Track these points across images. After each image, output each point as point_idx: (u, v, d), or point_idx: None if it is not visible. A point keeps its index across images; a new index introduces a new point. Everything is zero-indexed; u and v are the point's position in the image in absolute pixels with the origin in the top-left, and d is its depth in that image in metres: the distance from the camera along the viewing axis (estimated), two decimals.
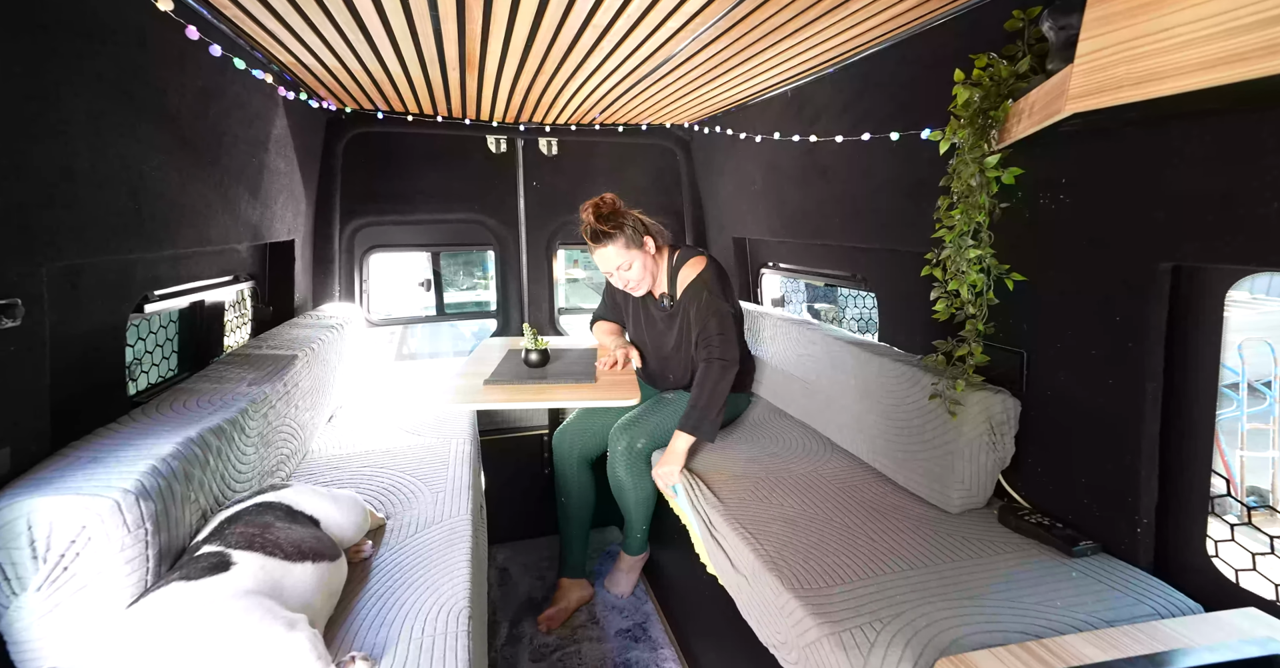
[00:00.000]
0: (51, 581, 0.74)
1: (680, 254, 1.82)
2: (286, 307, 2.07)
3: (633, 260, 1.74)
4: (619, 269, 1.75)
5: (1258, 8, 0.58)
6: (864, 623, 0.92)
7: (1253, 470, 4.62)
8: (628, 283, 1.80)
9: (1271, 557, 0.94)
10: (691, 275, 1.75)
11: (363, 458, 1.59)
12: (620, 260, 1.73)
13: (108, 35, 0.93)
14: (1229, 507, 4.44)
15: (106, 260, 1.07)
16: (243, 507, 0.98)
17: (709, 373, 1.65)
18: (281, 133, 1.76)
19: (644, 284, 1.81)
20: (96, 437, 0.93)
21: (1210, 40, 0.62)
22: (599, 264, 1.78)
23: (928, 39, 1.35)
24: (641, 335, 1.98)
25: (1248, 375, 4.95)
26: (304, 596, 0.88)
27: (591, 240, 1.73)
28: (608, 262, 1.75)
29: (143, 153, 1.06)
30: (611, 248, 1.71)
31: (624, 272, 1.76)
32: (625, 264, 1.74)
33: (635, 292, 1.84)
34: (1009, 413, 1.21)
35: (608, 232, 1.71)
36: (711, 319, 1.68)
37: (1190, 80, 0.64)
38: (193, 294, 1.51)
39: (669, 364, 1.93)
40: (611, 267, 1.75)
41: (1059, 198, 1.07)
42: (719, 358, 1.65)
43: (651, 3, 1.18)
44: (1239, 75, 0.60)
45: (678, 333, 1.85)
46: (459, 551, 1.16)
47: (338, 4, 1.15)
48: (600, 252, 1.74)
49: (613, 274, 1.78)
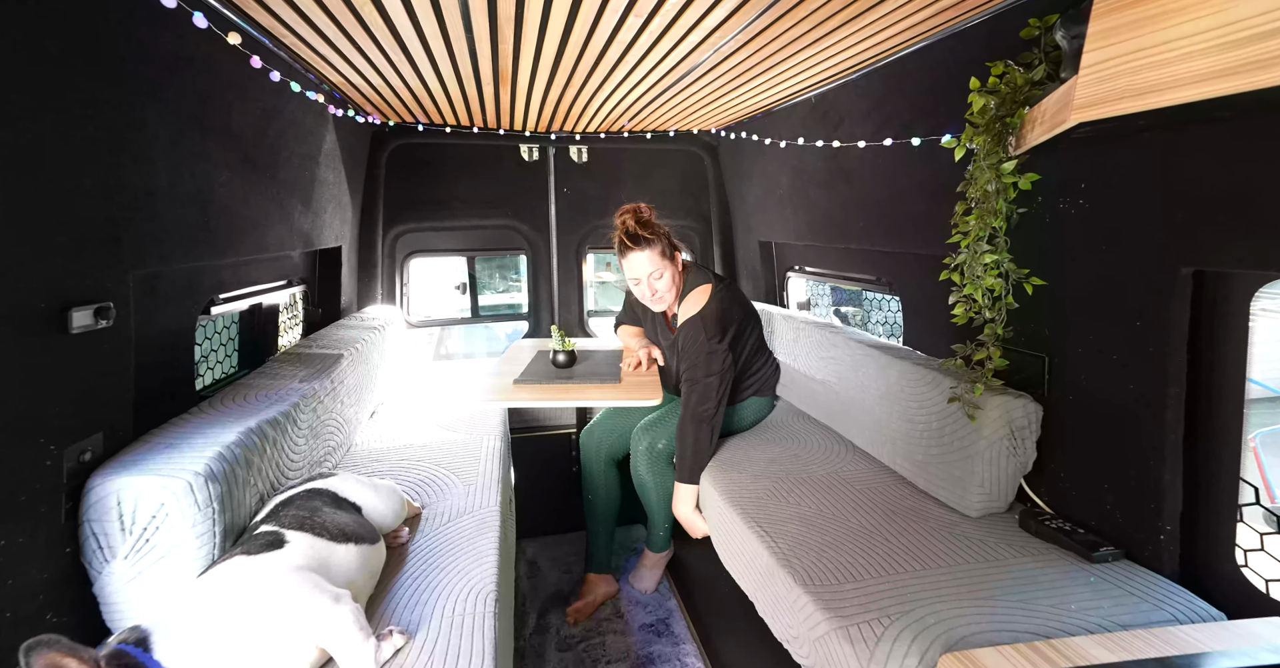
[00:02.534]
0: (136, 550, 0.84)
1: (690, 278, 1.80)
2: (334, 309, 2.21)
3: (664, 270, 1.74)
4: (649, 277, 1.73)
5: (1248, 23, 0.59)
6: (873, 618, 0.94)
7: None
8: (655, 293, 1.77)
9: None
10: (692, 309, 1.72)
11: (401, 451, 1.69)
12: (652, 268, 1.72)
13: (185, 67, 1.05)
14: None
15: (180, 267, 1.19)
16: (294, 492, 1.07)
17: (684, 432, 1.66)
18: (331, 147, 1.89)
19: (668, 298, 1.79)
20: (171, 426, 1.04)
21: (1205, 54, 0.63)
22: (630, 270, 1.74)
23: (948, 46, 1.35)
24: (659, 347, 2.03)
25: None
26: (347, 574, 0.96)
27: (629, 243, 1.70)
28: (640, 267, 1.72)
29: (212, 171, 1.18)
30: (647, 253, 1.71)
31: (654, 280, 1.74)
32: (657, 273, 1.73)
33: (657, 305, 1.81)
34: (1030, 418, 1.20)
35: (646, 237, 1.70)
36: (699, 362, 1.65)
37: (1187, 92, 0.65)
38: (251, 297, 1.64)
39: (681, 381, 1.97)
40: (643, 273, 1.73)
41: (1078, 202, 1.07)
42: (691, 416, 1.64)
43: (674, 18, 1.23)
44: (1232, 88, 0.61)
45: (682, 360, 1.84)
46: (488, 539, 1.24)
47: (382, 29, 1.24)
48: (635, 256, 1.71)
49: (640, 282, 1.75)
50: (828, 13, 1.20)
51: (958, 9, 1.19)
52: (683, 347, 1.72)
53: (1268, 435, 4.68)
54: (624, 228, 1.72)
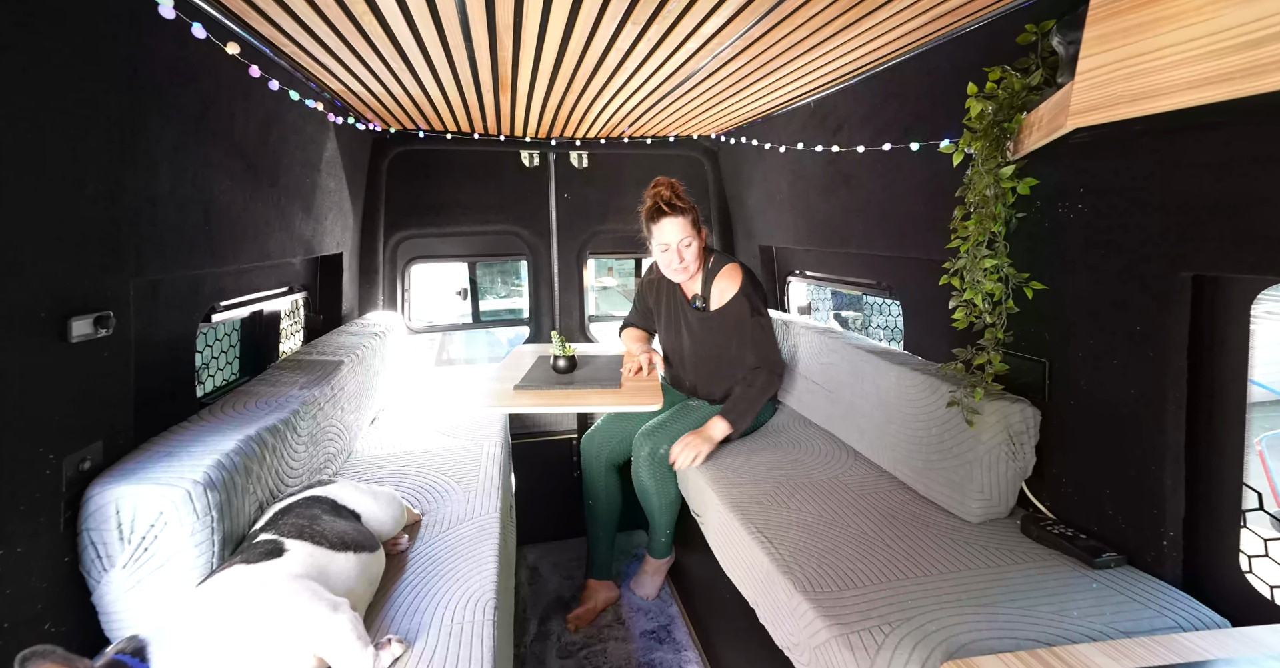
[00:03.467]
0: (135, 559, 0.84)
1: (715, 259, 1.88)
2: (335, 315, 2.22)
3: (692, 240, 1.80)
4: (679, 244, 1.78)
5: (1241, 30, 0.59)
6: (873, 626, 0.94)
7: None
8: (682, 262, 1.80)
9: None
10: (729, 286, 1.82)
11: (402, 458, 1.69)
12: (683, 235, 1.78)
13: (187, 76, 1.06)
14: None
15: (181, 275, 1.19)
16: (294, 500, 1.07)
17: (759, 377, 1.80)
18: (332, 154, 1.90)
19: (691, 268, 1.85)
20: (171, 433, 1.04)
21: (1199, 60, 0.63)
22: (662, 236, 1.78)
23: (945, 51, 1.36)
24: (672, 340, 2.03)
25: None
26: (346, 582, 0.96)
27: (666, 209, 1.76)
28: (672, 233, 1.77)
29: (214, 178, 1.19)
30: (680, 220, 1.77)
31: (684, 247, 1.79)
32: (686, 241, 1.79)
33: (680, 275, 1.85)
34: (1028, 423, 1.20)
35: (680, 206, 1.77)
36: (758, 332, 1.80)
37: (1181, 98, 0.65)
38: (253, 304, 1.65)
39: (697, 370, 1.98)
40: (674, 239, 1.78)
41: (1076, 207, 1.07)
42: (770, 367, 1.81)
43: (672, 25, 1.23)
44: (1225, 95, 0.61)
45: (710, 340, 1.90)
46: (488, 546, 1.23)
47: (381, 37, 1.25)
48: (668, 222, 1.76)
49: (670, 248, 1.79)
50: (825, 19, 1.21)
51: (955, 14, 1.19)
52: (735, 323, 1.83)
53: (1273, 439, 4.66)
54: (659, 196, 1.78)
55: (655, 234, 1.81)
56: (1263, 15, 0.57)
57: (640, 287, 2.17)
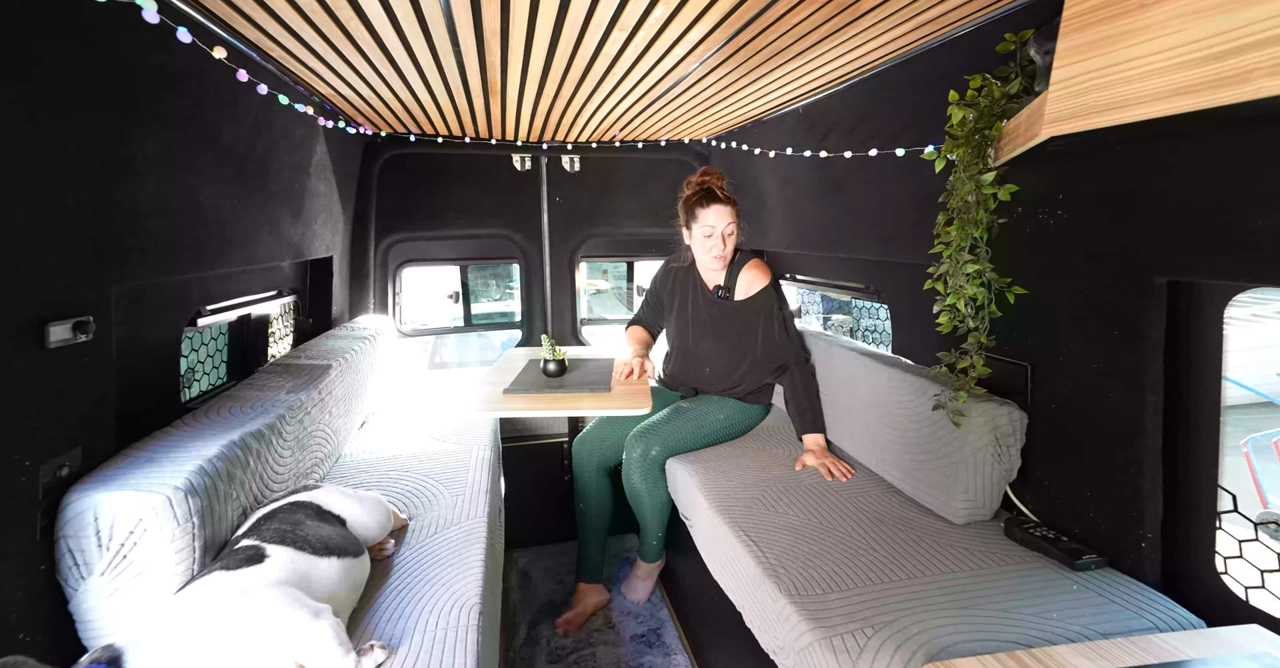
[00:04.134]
0: (113, 567, 0.83)
1: (740, 254, 1.95)
2: (325, 319, 2.21)
3: (734, 229, 1.87)
4: (724, 230, 1.85)
5: (1205, 43, 0.60)
6: (856, 629, 0.94)
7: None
8: (725, 248, 1.88)
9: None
10: (758, 279, 1.91)
11: (390, 462, 1.69)
12: (728, 221, 1.84)
13: (174, 80, 1.06)
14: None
15: (167, 279, 1.19)
16: (278, 505, 1.07)
17: (801, 376, 1.86)
18: (322, 158, 1.90)
19: (726, 259, 1.91)
20: (153, 439, 1.04)
21: (1166, 72, 0.64)
22: (709, 220, 1.85)
23: (929, 59, 1.37)
24: (684, 331, 2.05)
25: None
26: (329, 587, 0.96)
27: (718, 194, 1.84)
28: (722, 219, 1.84)
29: (200, 183, 1.19)
30: (730, 208, 1.85)
31: (727, 235, 1.86)
32: (730, 228, 1.85)
33: (716, 262, 1.91)
34: (1015, 425, 1.21)
35: (730, 197, 1.86)
36: (790, 325, 1.90)
37: (1151, 109, 0.66)
38: (240, 308, 1.64)
39: (707, 362, 1.99)
40: (721, 225, 1.84)
41: (1057, 213, 1.08)
42: (802, 361, 1.88)
43: (659, 31, 1.24)
44: (1192, 106, 0.62)
45: (727, 331, 1.94)
46: (474, 551, 1.23)
47: (370, 42, 1.25)
48: (719, 208, 1.84)
49: (714, 233, 1.85)
50: (810, 26, 1.22)
51: (938, 23, 1.21)
52: (762, 318, 1.91)
53: (1260, 440, 4.70)
54: (712, 183, 1.86)
55: (702, 218, 1.85)
56: (1225, 29, 0.59)
57: (655, 278, 2.20)
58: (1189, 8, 0.62)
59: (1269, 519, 3.34)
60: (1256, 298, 7.50)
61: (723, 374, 1.98)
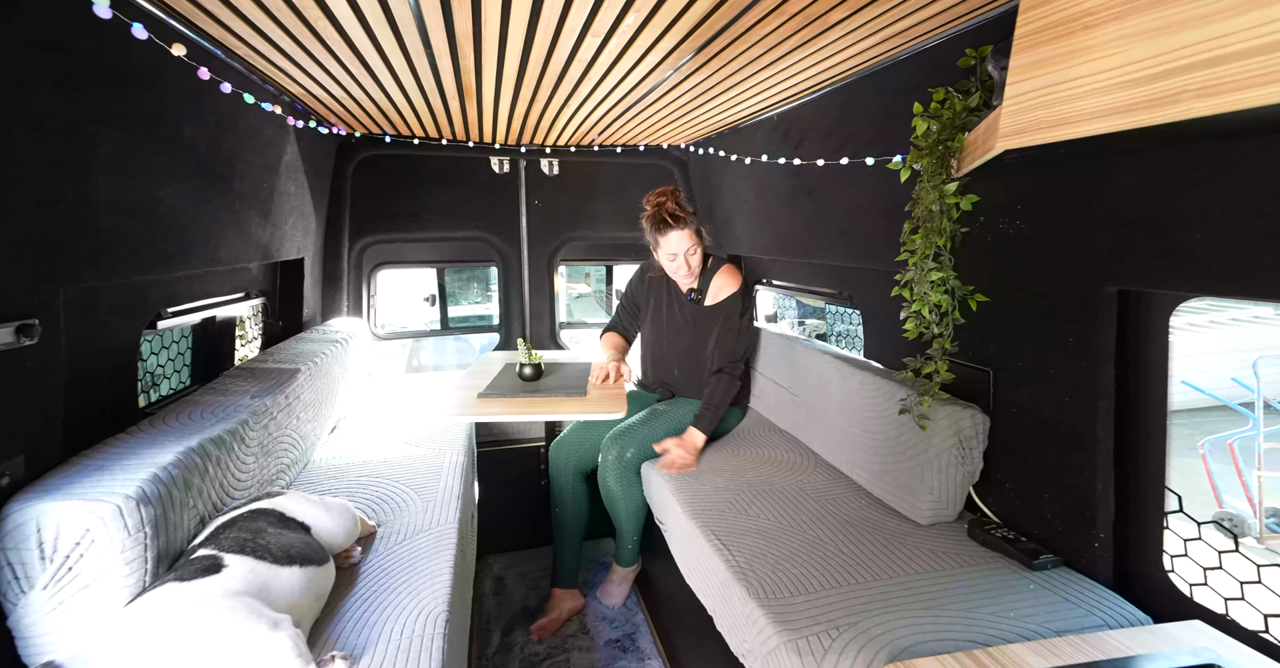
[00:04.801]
0: (57, 580, 0.80)
1: (713, 260, 1.97)
2: (296, 321, 2.16)
3: (696, 248, 1.89)
4: (685, 253, 1.87)
5: (1141, 65, 0.63)
6: (822, 631, 0.95)
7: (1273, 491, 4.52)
8: (689, 268, 1.90)
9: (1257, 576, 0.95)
10: (728, 284, 1.92)
11: (360, 468, 1.66)
12: (689, 245, 1.86)
13: (130, 79, 1.03)
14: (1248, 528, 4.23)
15: (123, 281, 1.15)
16: (238, 513, 1.04)
17: (721, 383, 1.87)
18: (293, 158, 1.86)
19: (695, 272, 1.93)
20: (105, 446, 1.00)
21: (1107, 91, 0.67)
22: (669, 246, 1.88)
23: (897, 71, 1.41)
24: (659, 334, 2.07)
25: (1264, 394, 4.85)
26: (290, 597, 0.93)
27: (671, 222, 1.85)
28: (680, 244, 1.86)
29: (160, 182, 1.16)
30: (686, 232, 1.86)
31: (689, 256, 1.88)
32: (691, 249, 1.87)
33: (686, 280, 1.94)
34: (978, 428, 1.24)
35: (683, 218, 1.86)
36: (742, 336, 1.90)
37: (1093, 126, 0.69)
38: (204, 311, 1.60)
39: (681, 365, 2.01)
40: (681, 249, 1.87)
41: (1016, 223, 1.12)
42: (730, 371, 1.88)
43: (631, 38, 1.25)
44: (1130, 124, 0.65)
45: (697, 335, 1.97)
46: (444, 557, 1.22)
47: (339, 43, 1.24)
48: (675, 234, 1.86)
49: (677, 257, 1.88)
50: (779, 37, 1.24)
51: (903, 37, 1.24)
52: (722, 322, 1.93)
53: (1216, 442, 4.90)
54: (664, 209, 1.87)
55: (663, 245, 1.88)
56: (1158, 53, 0.61)
57: (631, 282, 2.21)
58: (1127, 31, 0.65)
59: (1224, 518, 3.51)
60: (1214, 305, 7.83)
61: (691, 375, 2.00)
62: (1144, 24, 0.63)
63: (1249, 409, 4.90)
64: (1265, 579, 0.89)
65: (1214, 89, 0.58)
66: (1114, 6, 0.66)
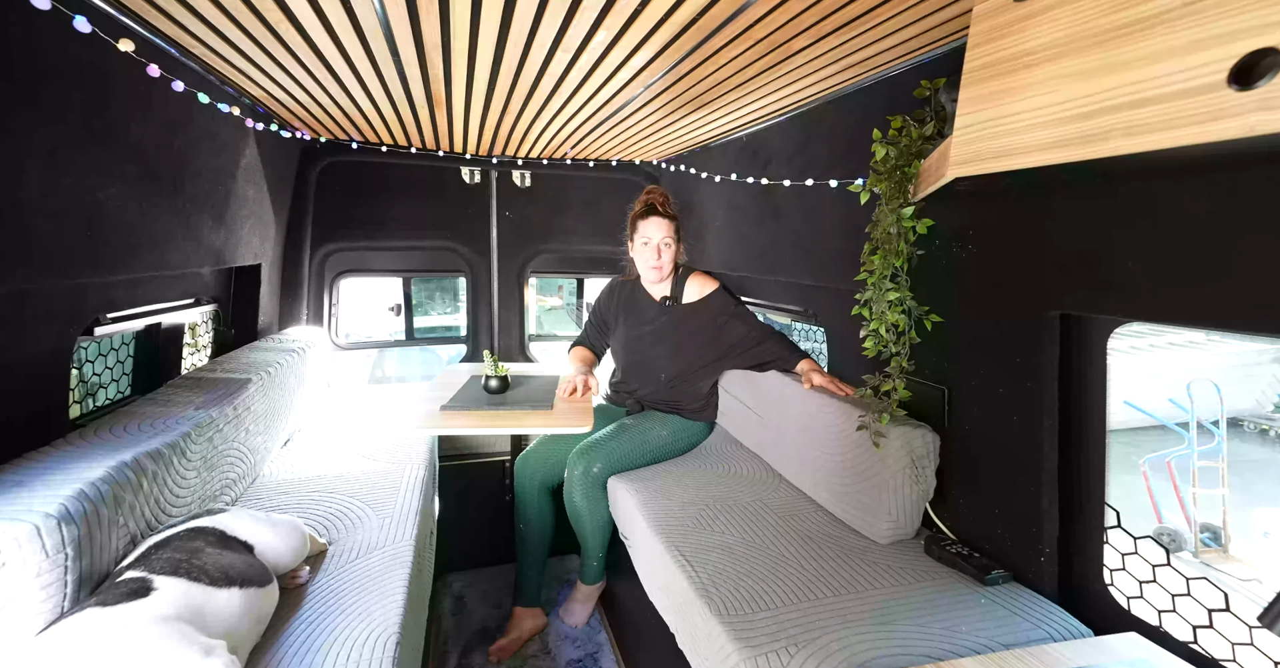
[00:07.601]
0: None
1: (683, 268, 2.02)
2: (250, 330, 2.08)
3: (673, 243, 1.93)
4: (661, 241, 1.91)
5: (1074, 103, 0.68)
6: (780, 647, 0.95)
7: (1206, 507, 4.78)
8: (659, 259, 1.93)
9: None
10: (704, 285, 1.97)
11: (313, 482, 1.59)
12: (666, 235, 1.91)
13: (69, 75, 0.98)
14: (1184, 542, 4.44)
15: (55, 285, 1.09)
16: (174, 532, 0.98)
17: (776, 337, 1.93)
18: (251, 162, 1.81)
19: (664, 271, 1.96)
20: (26, 460, 0.94)
21: (1044, 127, 0.72)
22: (647, 231, 1.91)
23: (858, 98, 1.47)
24: (631, 346, 2.06)
25: (1196, 415, 5.16)
26: (227, 622, 0.88)
27: (660, 211, 1.90)
28: (659, 231, 1.90)
29: (100, 183, 1.10)
30: (668, 222, 1.91)
31: (664, 246, 1.92)
32: (667, 241, 1.91)
33: (653, 273, 1.97)
34: (929, 447, 1.27)
35: (670, 213, 1.92)
36: (747, 315, 1.96)
37: (1031, 159, 0.74)
38: (148, 317, 1.52)
39: (658, 373, 2.01)
40: (658, 236, 1.91)
41: (968, 247, 1.17)
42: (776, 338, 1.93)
43: (601, 56, 1.27)
44: (1064, 158, 0.69)
45: (677, 339, 1.97)
46: (397, 577, 1.17)
47: (303, 47, 1.21)
48: (656, 219, 1.90)
49: (651, 243, 1.91)
50: (745, 61, 1.28)
51: (863, 66, 1.30)
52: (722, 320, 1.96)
53: (1156, 460, 5.16)
54: (652, 198, 1.93)
55: (640, 230, 1.92)
56: (1090, 92, 0.66)
57: (599, 298, 2.21)
58: (1063, 72, 0.69)
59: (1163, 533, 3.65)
60: (1155, 330, 8.30)
61: (678, 378, 2.00)
62: (1077, 65, 0.67)
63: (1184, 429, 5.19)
64: (1194, 592, 0.93)
65: (1138, 129, 0.62)
66: (1050, 48, 0.70)
